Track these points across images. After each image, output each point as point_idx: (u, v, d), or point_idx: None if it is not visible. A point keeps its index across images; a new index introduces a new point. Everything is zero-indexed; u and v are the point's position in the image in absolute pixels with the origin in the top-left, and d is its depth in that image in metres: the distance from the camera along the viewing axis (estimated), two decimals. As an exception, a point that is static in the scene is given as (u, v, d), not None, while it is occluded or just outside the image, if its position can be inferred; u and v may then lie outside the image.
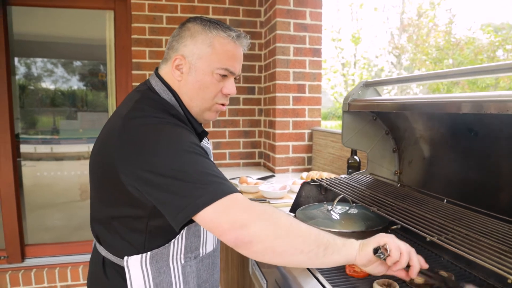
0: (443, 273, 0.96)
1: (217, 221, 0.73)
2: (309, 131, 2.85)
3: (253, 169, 3.06)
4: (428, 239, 0.77)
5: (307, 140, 2.85)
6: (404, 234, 1.31)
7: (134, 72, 2.79)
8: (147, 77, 2.79)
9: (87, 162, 3.24)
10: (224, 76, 0.98)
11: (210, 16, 2.92)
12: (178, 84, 0.99)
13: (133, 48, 2.77)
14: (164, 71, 1.02)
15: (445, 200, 1.09)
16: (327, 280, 0.96)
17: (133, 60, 2.78)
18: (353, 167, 1.92)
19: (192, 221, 0.77)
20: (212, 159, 1.14)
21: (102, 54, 2.94)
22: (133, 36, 2.76)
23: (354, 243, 0.79)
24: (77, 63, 3.01)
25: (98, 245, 0.99)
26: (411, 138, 1.43)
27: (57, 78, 2.97)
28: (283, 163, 2.83)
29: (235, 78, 1.03)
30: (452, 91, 6.70)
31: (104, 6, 2.81)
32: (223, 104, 1.03)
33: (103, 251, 0.96)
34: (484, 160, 1.10)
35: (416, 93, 7.42)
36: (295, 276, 1.01)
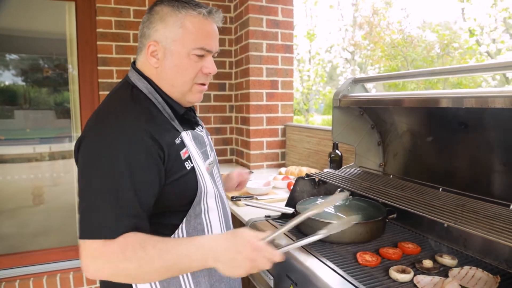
0: (447, 256, 1.04)
1: (84, 260, 0.79)
2: (282, 126, 2.89)
3: (226, 166, 3.04)
4: (446, 224, 0.83)
5: (280, 135, 2.89)
6: (398, 223, 1.38)
7: (100, 68, 2.64)
8: (114, 73, 2.71)
9: (38, 164, 3.01)
10: (201, 56, 0.96)
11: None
12: (155, 71, 0.97)
13: (98, 43, 2.62)
14: (141, 62, 0.99)
15: (440, 189, 1.17)
16: (344, 270, 0.99)
17: (99, 55, 2.63)
18: (335, 161, 1.98)
19: None
20: (208, 147, 1.09)
21: (60, 48, 2.72)
22: (98, 30, 2.61)
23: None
24: (12, 56, 2.72)
25: None
26: (396, 131, 1.51)
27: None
28: (257, 159, 2.84)
29: (213, 56, 1.00)
30: (407, 87, 7.13)
31: (63, -3, 2.62)
32: (203, 84, 1.01)
33: None
34: (465, 150, 1.20)
35: (370, 88, 7.79)
36: (310, 269, 1.02)
